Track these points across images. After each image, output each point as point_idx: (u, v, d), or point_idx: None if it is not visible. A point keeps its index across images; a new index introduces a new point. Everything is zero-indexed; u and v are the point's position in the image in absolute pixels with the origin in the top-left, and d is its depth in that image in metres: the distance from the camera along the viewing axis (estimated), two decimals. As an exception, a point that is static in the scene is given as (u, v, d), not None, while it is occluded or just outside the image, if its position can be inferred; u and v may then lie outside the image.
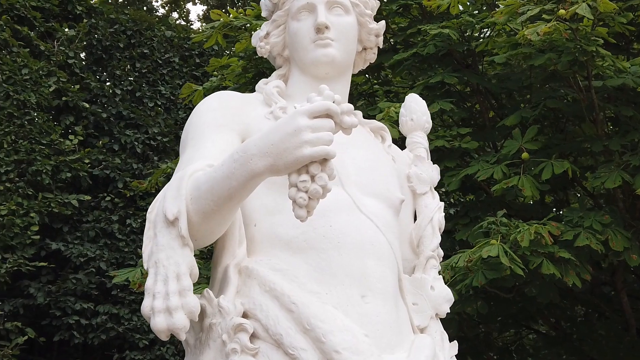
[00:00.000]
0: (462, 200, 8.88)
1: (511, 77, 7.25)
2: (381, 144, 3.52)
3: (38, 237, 10.61)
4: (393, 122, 6.30)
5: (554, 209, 7.39)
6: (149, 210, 2.76)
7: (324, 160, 2.45)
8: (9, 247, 10.28)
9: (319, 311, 2.73)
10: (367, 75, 8.58)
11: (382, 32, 3.57)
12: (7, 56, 11.00)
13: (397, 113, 6.15)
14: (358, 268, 2.93)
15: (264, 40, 3.47)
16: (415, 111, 3.67)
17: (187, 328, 2.62)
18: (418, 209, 3.51)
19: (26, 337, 10.23)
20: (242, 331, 2.73)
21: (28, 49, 11.36)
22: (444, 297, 3.31)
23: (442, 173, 6.68)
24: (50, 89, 11.35)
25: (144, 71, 12.76)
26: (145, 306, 2.61)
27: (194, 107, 3.43)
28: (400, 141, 3.90)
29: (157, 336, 2.66)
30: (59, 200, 11.00)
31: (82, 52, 11.99)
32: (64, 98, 11.58)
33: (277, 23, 3.43)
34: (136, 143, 12.24)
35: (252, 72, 7.70)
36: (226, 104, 3.20)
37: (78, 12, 12.32)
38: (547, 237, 5.44)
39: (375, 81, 8.64)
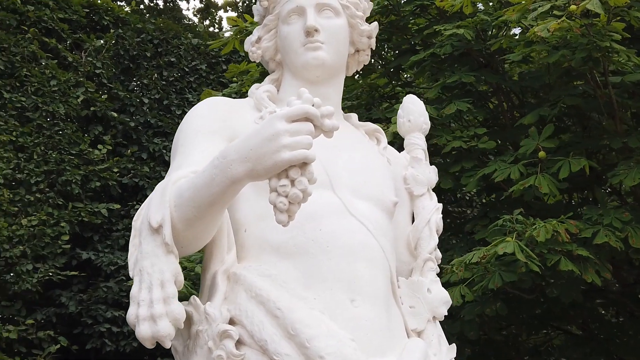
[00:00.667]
0: (483, 201, 8.77)
1: (531, 76, 7.16)
2: (376, 146, 3.50)
3: (69, 246, 10.74)
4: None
5: (579, 209, 7.26)
6: (134, 218, 2.77)
7: (303, 164, 2.43)
8: (40, 256, 10.43)
9: (304, 316, 2.72)
10: (388, 78, 8.54)
11: (375, 34, 3.54)
12: (36, 68, 11.16)
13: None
14: (348, 272, 2.91)
15: (256, 45, 3.47)
16: (412, 112, 3.63)
17: (172, 336, 2.61)
18: (415, 210, 3.48)
19: (59, 346, 10.36)
20: (228, 338, 2.73)
21: (56, 61, 11.51)
22: (440, 300, 3.27)
23: (459, 174, 6.71)
24: (79, 100, 11.49)
25: (171, 79, 12.85)
26: (130, 314, 2.61)
27: None
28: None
29: (143, 344, 2.66)
30: (89, 209, 11.12)
31: (109, 62, 12.10)
32: (92, 108, 11.70)
33: (268, 27, 3.42)
34: (164, 151, 12.33)
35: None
36: (215, 110, 3.20)
37: (105, 23, 12.47)
38: (563, 234, 5.35)
39: (396, 83, 8.58)
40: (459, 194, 8.92)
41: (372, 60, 8.61)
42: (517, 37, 6.62)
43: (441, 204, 3.51)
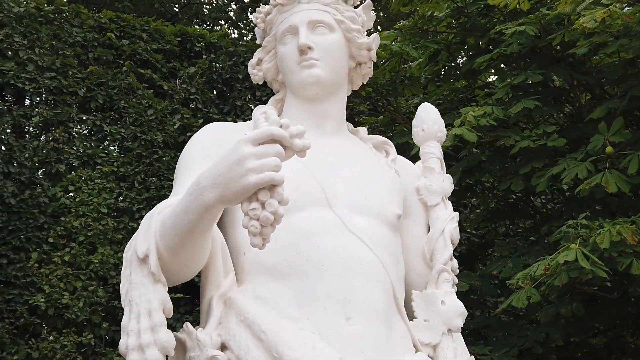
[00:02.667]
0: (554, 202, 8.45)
1: (600, 69, 6.88)
2: (385, 158, 3.46)
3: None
4: (472, 127, 6.15)
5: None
6: (125, 249, 2.85)
7: (272, 186, 2.43)
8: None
9: (287, 338, 2.72)
10: (466, 81, 8.41)
11: (376, 45, 3.52)
12: (133, 99, 11.56)
13: (475, 118, 6.02)
14: (343, 290, 2.90)
15: (257, 67, 3.51)
16: (426, 121, 3.58)
17: None
18: (430, 221, 3.43)
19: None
20: None
21: (152, 91, 11.89)
22: (455, 312, 3.20)
23: (530, 174, 6.50)
24: (175, 127, 11.81)
25: (264, 99, 13.03)
26: (121, 344, 2.68)
27: None
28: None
29: None
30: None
31: (203, 88, 12.41)
32: (188, 134, 12.00)
33: (267, 49, 3.46)
34: (261, 170, 12.44)
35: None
36: (214, 134, 3.25)
37: (197, 49, 12.77)
38: (629, 238, 5.09)
39: (473, 86, 8.43)
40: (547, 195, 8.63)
41: (452, 64, 8.51)
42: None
43: (457, 213, 3.44)
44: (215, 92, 12.87)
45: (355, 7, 3.52)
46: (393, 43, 7.38)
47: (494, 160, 7.20)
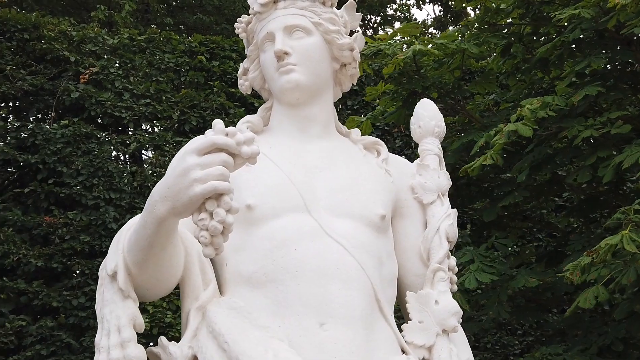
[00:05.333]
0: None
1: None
2: (376, 159, 3.39)
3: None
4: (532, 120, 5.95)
5: None
6: (101, 266, 2.89)
7: (219, 196, 2.44)
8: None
9: (249, 347, 2.70)
10: (542, 72, 8.12)
11: (359, 45, 3.47)
12: (225, 118, 11.84)
13: (531, 111, 5.82)
14: (317, 295, 2.87)
15: (243, 77, 3.53)
16: (422, 117, 3.51)
17: None
18: (427, 219, 3.34)
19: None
20: None
21: (243, 108, 12.14)
22: (449, 311, 3.11)
23: (596, 164, 6.20)
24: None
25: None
26: None
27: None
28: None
29: None
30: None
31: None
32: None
33: (252, 58, 3.46)
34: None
35: (406, 92, 7.63)
36: None
37: (285, 63, 12.95)
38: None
39: (550, 77, 8.14)
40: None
41: (529, 56, 8.25)
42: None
43: (454, 210, 3.34)
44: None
45: (339, 8, 3.48)
46: (454, 42, 7.21)
47: (563, 153, 6.93)
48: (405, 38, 7.83)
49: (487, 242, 6.97)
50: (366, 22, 22.74)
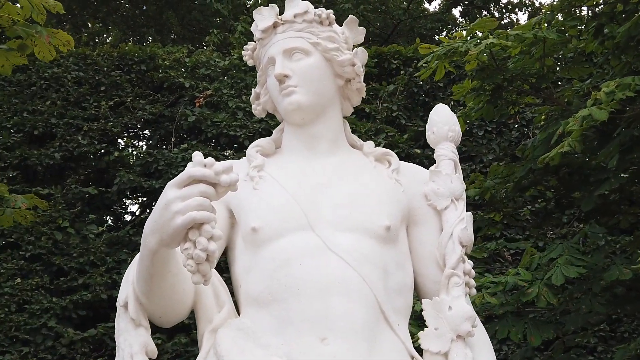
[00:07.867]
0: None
1: None
2: (386, 170, 3.42)
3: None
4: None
5: None
6: (118, 297, 3.08)
7: (200, 225, 2.54)
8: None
9: None
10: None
11: (361, 59, 3.52)
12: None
13: (607, 94, 5.63)
14: (318, 310, 2.92)
15: (256, 101, 3.62)
16: (435, 123, 3.51)
17: None
18: (442, 225, 3.34)
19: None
20: None
21: (354, 115, 12.26)
22: (462, 316, 3.10)
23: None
24: (381, 146, 12.07)
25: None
26: None
27: None
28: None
29: None
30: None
31: (405, 103, 12.58)
32: (395, 150, 12.19)
33: (261, 82, 3.56)
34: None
35: (490, 87, 7.50)
36: None
37: (394, 66, 12.95)
38: None
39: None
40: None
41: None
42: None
43: (469, 213, 3.32)
44: (417, 105, 12.96)
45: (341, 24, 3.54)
46: (532, 31, 7.01)
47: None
48: (481, 33, 7.69)
49: (580, 232, 6.72)
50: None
